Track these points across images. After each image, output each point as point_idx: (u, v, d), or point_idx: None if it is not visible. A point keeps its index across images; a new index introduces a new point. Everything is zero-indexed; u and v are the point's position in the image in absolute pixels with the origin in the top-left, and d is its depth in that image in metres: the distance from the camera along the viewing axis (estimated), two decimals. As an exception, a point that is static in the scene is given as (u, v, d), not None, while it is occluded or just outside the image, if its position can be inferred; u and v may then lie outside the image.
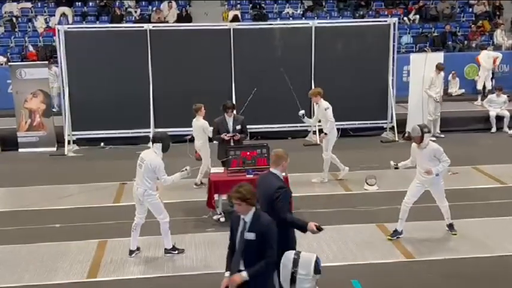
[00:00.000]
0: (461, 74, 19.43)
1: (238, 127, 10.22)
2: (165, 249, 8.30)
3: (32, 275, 7.71)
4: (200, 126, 10.89)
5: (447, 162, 8.37)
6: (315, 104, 11.60)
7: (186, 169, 8.30)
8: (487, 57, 18.22)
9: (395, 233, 8.67)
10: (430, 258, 8.02)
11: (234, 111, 10.38)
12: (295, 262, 4.15)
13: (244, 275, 5.26)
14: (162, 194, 11.05)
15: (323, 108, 11.25)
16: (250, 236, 5.29)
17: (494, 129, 15.84)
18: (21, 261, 8.18)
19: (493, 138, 15.23)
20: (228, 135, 10.08)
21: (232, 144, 9.99)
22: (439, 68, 14.77)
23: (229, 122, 10.19)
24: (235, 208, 5.40)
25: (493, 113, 15.92)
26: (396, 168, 8.86)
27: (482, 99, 17.55)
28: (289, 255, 4.19)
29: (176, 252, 8.29)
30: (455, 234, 8.74)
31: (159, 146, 8.01)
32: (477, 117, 16.47)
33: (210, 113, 14.70)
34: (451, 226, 8.83)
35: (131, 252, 8.22)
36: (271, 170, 6.30)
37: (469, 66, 19.64)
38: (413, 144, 8.54)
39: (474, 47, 21.33)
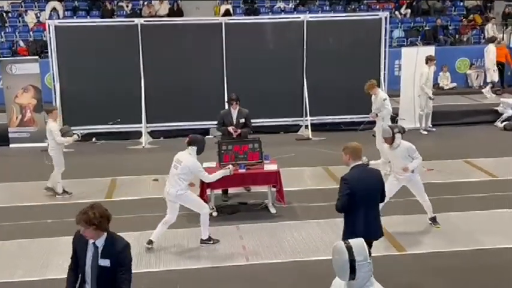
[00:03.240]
0: (453, 68, 19.49)
1: (242, 120, 10.20)
2: (201, 239, 8.45)
3: (24, 271, 7.69)
4: (48, 130, 10.50)
5: (419, 159, 8.43)
6: (373, 95, 11.60)
7: (228, 167, 8.59)
8: (485, 51, 18.26)
9: None
10: (422, 251, 8.06)
11: (238, 104, 10.20)
12: (350, 250, 4.02)
13: None
14: (155, 190, 11.06)
15: (381, 99, 11.39)
16: (105, 262, 4.85)
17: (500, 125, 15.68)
18: (13, 257, 8.16)
19: (484, 132, 15.27)
20: (233, 128, 10.04)
21: (234, 138, 10.04)
22: (431, 59, 14.78)
23: (234, 114, 10.18)
24: (82, 231, 4.81)
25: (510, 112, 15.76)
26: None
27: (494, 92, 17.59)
28: (340, 245, 4.04)
29: (211, 242, 8.44)
30: (439, 227, 8.79)
31: (194, 148, 8.27)
32: (469, 110, 16.52)
33: (203, 107, 14.79)
34: (433, 219, 8.88)
35: (150, 242, 8.32)
36: (360, 162, 6.46)
37: (460, 60, 19.71)
38: (386, 145, 8.59)
39: (465, 40, 21.41)
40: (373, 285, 4.05)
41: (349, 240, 4.08)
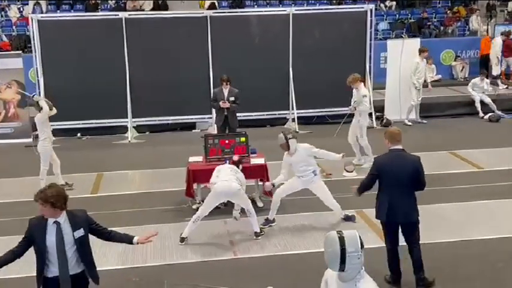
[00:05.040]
0: (438, 60, 19.57)
1: (232, 98, 11.84)
2: (256, 233, 8.42)
3: (9, 268, 7.55)
4: (39, 120, 10.36)
5: (322, 153, 8.66)
6: (354, 89, 11.53)
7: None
8: (492, 44, 18.40)
9: (267, 222, 8.83)
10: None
11: (229, 84, 11.84)
12: (342, 240, 4.03)
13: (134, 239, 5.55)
14: (141, 184, 10.99)
15: (361, 94, 11.32)
16: (79, 233, 5.22)
17: (481, 114, 15.76)
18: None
19: (469, 123, 15.36)
20: (223, 102, 11.75)
21: (226, 113, 11.82)
22: (422, 51, 14.87)
23: (225, 92, 11.87)
24: (42, 212, 5.14)
25: (477, 98, 15.90)
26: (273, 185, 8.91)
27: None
28: (333, 235, 4.05)
29: (263, 232, 8.45)
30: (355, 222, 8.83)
31: None
32: (455, 102, 16.62)
33: (188, 101, 14.73)
34: (348, 218, 8.89)
35: (183, 239, 8.28)
36: (397, 147, 6.64)
37: (445, 52, 19.79)
38: (285, 154, 8.56)
39: (450, 32, 21.49)
40: (364, 278, 4.07)
41: (343, 231, 4.11)
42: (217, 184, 8.16)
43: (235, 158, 8.78)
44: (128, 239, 5.64)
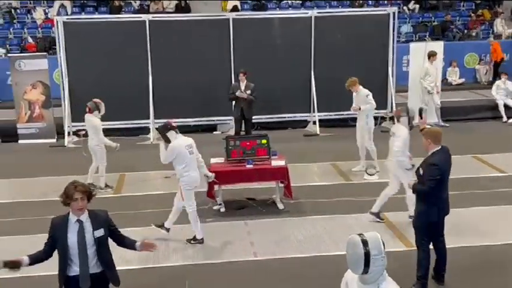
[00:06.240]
0: (461, 63, 19.41)
1: (248, 92, 12.81)
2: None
3: (33, 266, 7.70)
4: (92, 126, 10.82)
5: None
6: (354, 92, 11.44)
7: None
8: None
9: (378, 215, 8.90)
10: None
11: (246, 77, 12.83)
12: (365, 243, 3.98)
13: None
14: (163, 185, 11.07)
15: (364, 95, 11.20)
16: (100, 233, 5.25)
17: (505, 119, 15.61)
18: (22, 252, 8.15)
19: (493, 127, 15.21)
20: (240, 93, 12.70)
21: (242, 105, 12.81)
22: (432, 55, 14.76)
23: (242, 86, 12.88)
24: (79, 205, 5.13)
25: (500, 102, 15.75)
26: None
27: None
28: (356, 238, 4.01)
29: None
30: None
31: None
32: (478, 106, 16.47)
33: (210, 103, 14.81)
34: (377, 215, 8.89)
35: (202, 240, 8.35)
36: (441, 145, 6.70)
37: (469, 55, 19.62)
38: (406, 132, 8.57)
39: (474, 35, 21.30)
40: (386, 280, 4.05)
41: (365, 234, 4.07)
42: (194, 176, 8.23)
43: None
44: (131, 245, 5.57)
